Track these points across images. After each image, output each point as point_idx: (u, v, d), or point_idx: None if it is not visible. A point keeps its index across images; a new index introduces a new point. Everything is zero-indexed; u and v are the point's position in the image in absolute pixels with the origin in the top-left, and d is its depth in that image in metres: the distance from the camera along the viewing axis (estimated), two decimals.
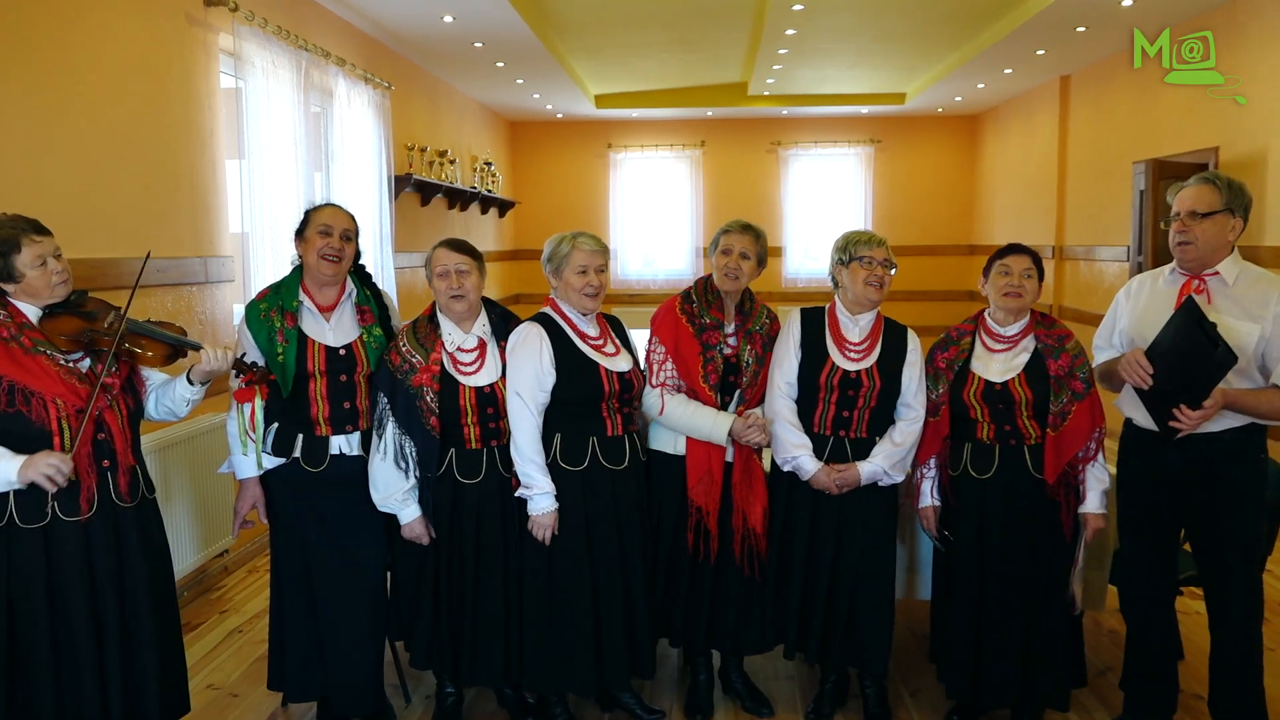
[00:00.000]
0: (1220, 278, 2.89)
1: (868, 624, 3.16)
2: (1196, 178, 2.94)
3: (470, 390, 3.00)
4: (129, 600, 2.58)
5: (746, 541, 3.16)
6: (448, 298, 3.03)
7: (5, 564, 2.45)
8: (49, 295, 2.52)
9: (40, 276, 2.49)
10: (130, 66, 4.17)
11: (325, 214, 3.04)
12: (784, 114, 11.18)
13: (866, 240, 3.16)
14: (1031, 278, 3.06)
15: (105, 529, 2.54)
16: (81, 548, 2.50)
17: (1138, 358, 2.82)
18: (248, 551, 4.94)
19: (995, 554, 3.05)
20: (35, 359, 2.46)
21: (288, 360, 2.93)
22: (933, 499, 3.14)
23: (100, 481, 2.53)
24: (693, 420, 3.10)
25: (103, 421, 2.53)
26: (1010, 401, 3.01)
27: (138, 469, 2.64)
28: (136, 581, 2.59)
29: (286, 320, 2.96)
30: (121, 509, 2.58)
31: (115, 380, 2.58)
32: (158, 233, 4.31)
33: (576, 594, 3.02)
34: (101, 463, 2.53)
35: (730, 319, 3.24)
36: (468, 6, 6.25)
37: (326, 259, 2.98)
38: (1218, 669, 2.98)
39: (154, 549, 2.68)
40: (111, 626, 2.54)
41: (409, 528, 3.00)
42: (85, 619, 2.50)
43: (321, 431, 3.00)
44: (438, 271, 3.05)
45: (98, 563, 2.53)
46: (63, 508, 2.48)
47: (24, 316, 2.50)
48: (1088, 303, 8.17)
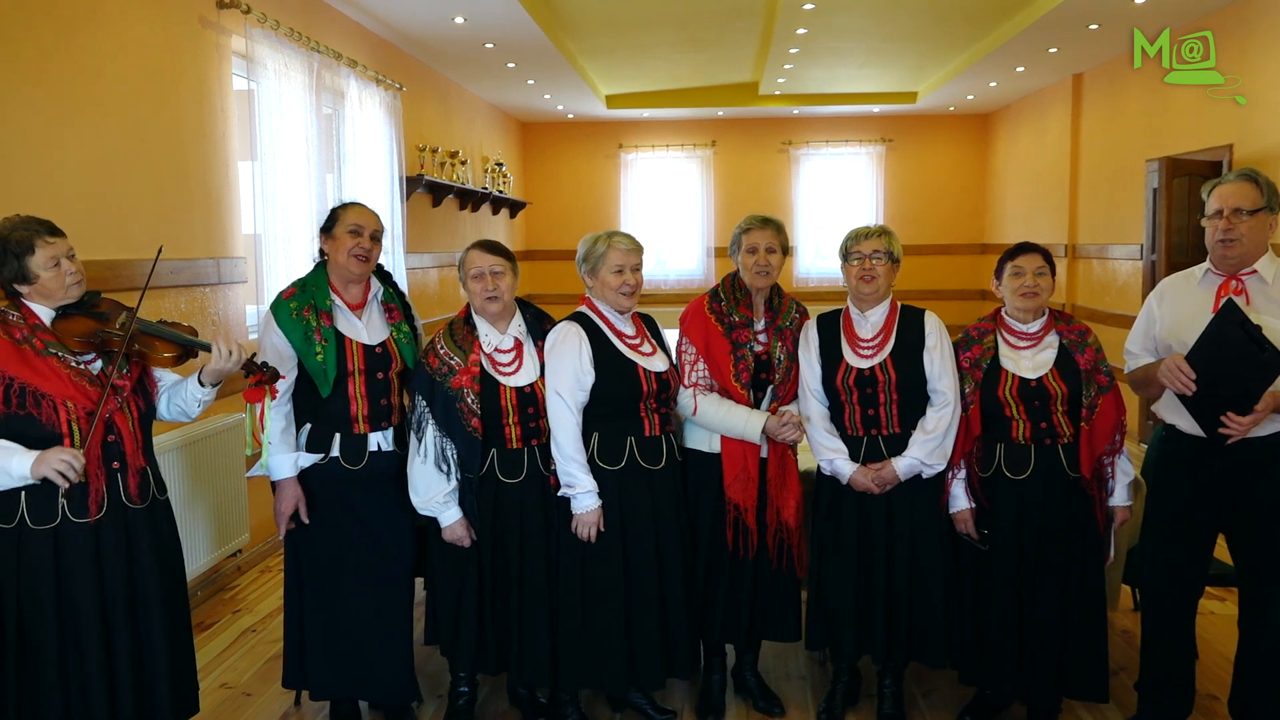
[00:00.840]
0: (1259, 276, 2.84)
1: (926, 620, 3.12)
2: (1236, 174, 2.87)
3: (511, 390, 3.01)
4: (139, 601, 2.58)
5: (779, 535, 3.16)
6: (483, 299, 3.05)
7: (15, 563, 2.46)
8: (63, 296, 2.54)
9: (54, 278, 2.50)
10: (143, 69, 4.19)
11: (355, 213, 3.05)
12: (795, 113, 11.17)
13: (855, 236, 3.18)
14: (1045, 275, 3.04)
15: (115, 530, 2.54)
16: (91, 549, 2.50)
17: (1179, 363, 2.74)
18: (261, 551, 4.96)
19: (1035, 554, 3.02)
20: (47, 361, 2.46)
21: (328, 359, 2.94)
22: (969, 501, 3.09)
23: (110, 483, 2.53)
24: (726, 419, 3.10)
25: (113, 423, 2.53)
26: (1046, 397, 2.99)
27: (148, 470, 2.64)
28: (146, 583, 2.59)
29: (322, 319, 2.97)
30: (131, 510, 2.58)
31: (126, 382, 2.58)
32: (170, 234, 4.33)
33: (610, 592, 3.02)
34: (111, 464, 2.54)
35: (760, 316, 3.24)
36: (479, 8, 6.26)
37: (356, 258, 3.00)
38: (1245, 669, 2.95)
39: (164, 550, 2.68)
40: (121, 627, 2.54)
41: (450, 530, 3.00)
42: (94, 620, 2.50)
43: (360, 429, 3.02)
44: (472, 273, 3.05)
45: (107, 564, 2.53)
46: (72, 509, 2.48)
47: (37, 318, 2.52)
48: (1101, 301, 8.13)
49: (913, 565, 3.11)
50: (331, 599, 3.08)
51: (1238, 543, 2.94)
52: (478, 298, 3.06)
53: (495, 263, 3.06)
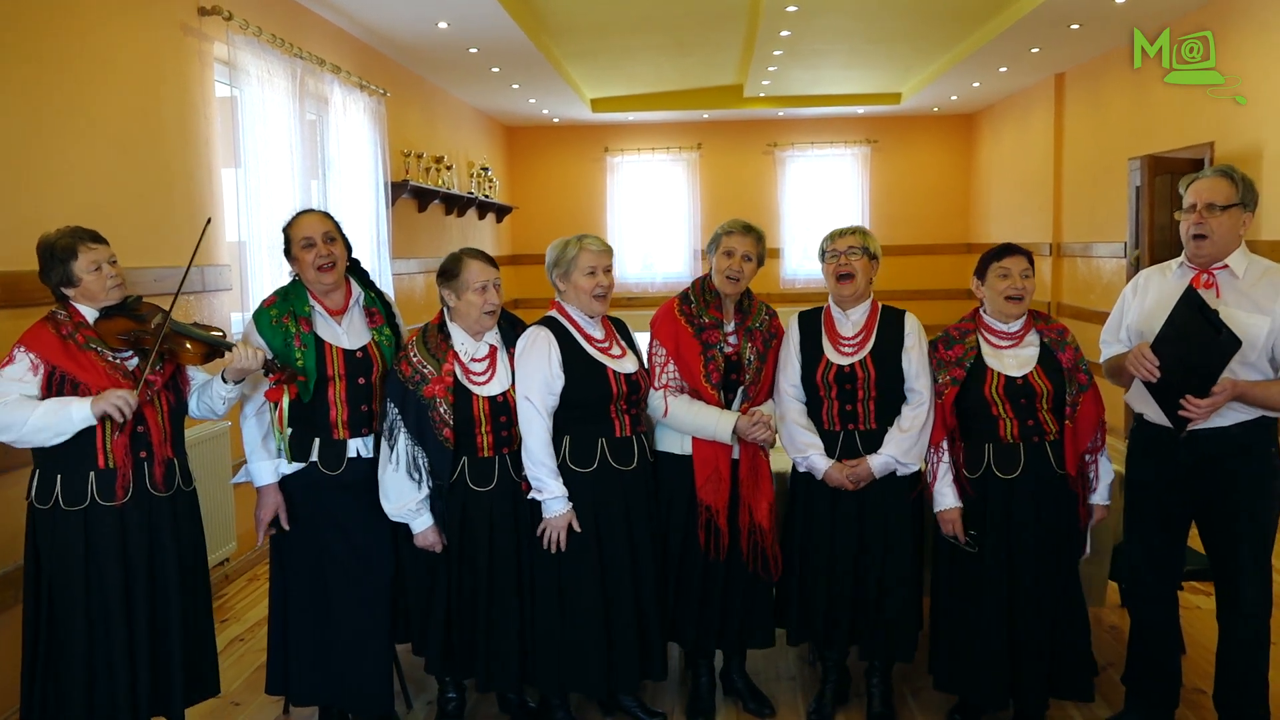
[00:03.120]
0: (1229, 270, 2.88)
1: (895, 615, 3.16)
2: (1211, 170, 2.92)
3: (484, 400, 3.01)
4: (158, 583, 2.76)
5: (753, 537, 3.17)
6: (484, 312, 3.03)
7: (50, 541, 2.66)
8: (105, 298, 2.74)
9: (95, 280, 2.71)
10: (125, 76, 4.17)
11: (300, 226, 3.05)
12: (780, 115, 11.19)
13: (832, 235, 3.21)
14: (1029, 277, 3.07)
15: (140, 515, 2.72)
16: (117, 530, 2.69)
17: (1144, 351, 2.81)
18: (248, 560, 4.94)
19: (1028, 554, 3.03)
20: (86, 355, 2.68)
21: (308, 365, 2.96)
22: (956, 500, 3.08)
23: (136, 470, 2.72)
24: (697, 420, 3.11)
25: (141, 415, 2.71)
26: (1032, 394, 3.01)
27: (175, 462, 2.84)
28: (167, 567, 2.78)
29: (301, 325, 2.99)
30: (156, 498, 2.76)
31: (158, 377, 2.76)
32: (154, 242, 4.31)
33: (586, 595, 3.02)
34: (139, 453, 2.73)
35: (729, 317, 3.24)
36: (462, 13, 6.25)
37: (322, 269, 3.01)
38: (1225, 661, 2.98)
39: (186, 537, 2.85)
40: (142, 607, 2.72)
41: (421, 536, 3.00)
42: (119, 596, 2.68)
43: (339, 435, 3.02)
44: (476, 286, 3.02)
45: (131, 545, 2.71)
46: (100, 493, 2.67)
47: (81, 317, 2.73)
48: (1086, 299, 8.17)
49: (883, 564, 3.14)
50: (313, 606, 3.07)
51: (1208, 534, 2.98)
52: (476, 309, 3.03)
53: (498, 276, 3.07)
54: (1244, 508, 2.87)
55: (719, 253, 3.22)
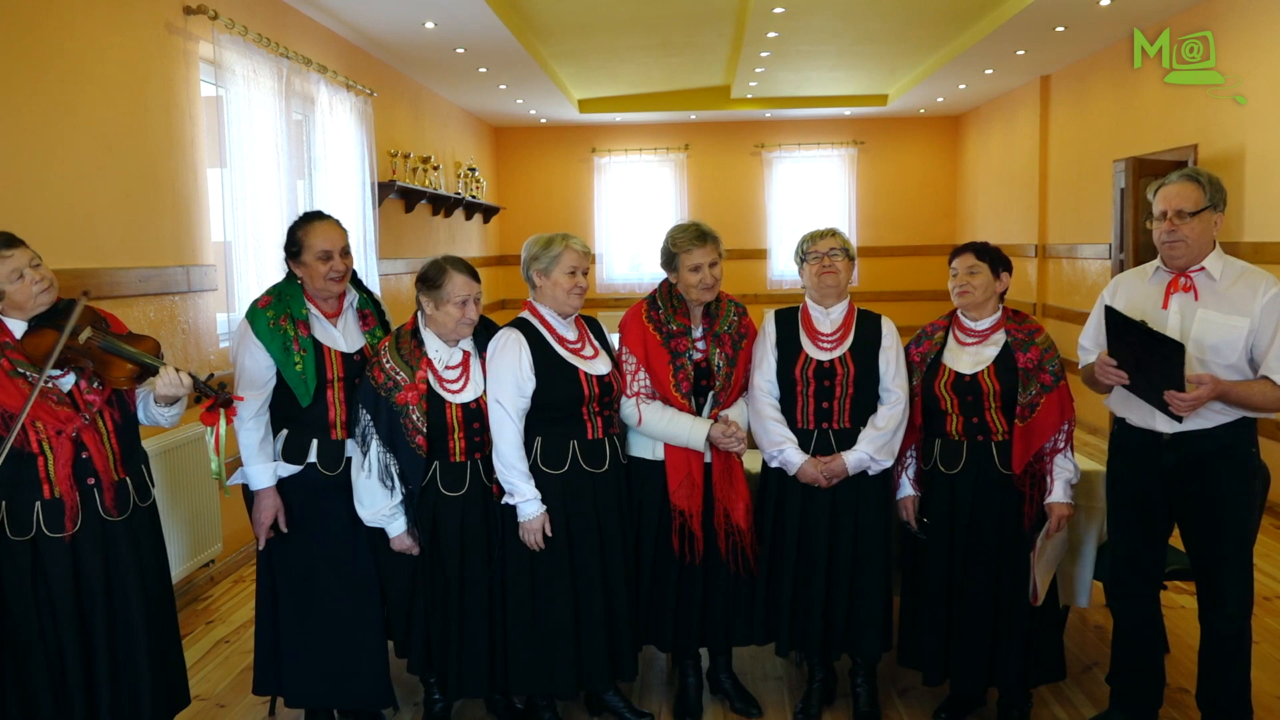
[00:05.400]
0: (1206, 273, 2.89)
1: (864, 613, 3.18)
2: (1177, 175, 2.91)
3: (457, 407, 2.99)
4: (118, 608, 2.62)
5: (731, 538, 3.17)
6: (462, 324, 3.00)
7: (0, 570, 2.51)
8: (34, 306, 2.54)
9: (20, 290, 2.49)
10: (110, 76, 4.15)
11: (321, 236, 2.97)
12: (767, 116, 11.21)
13: (812, 237, 3.25)
14: (977, 274, 3.11)
15: (92, 543, 2.57)
16: (68, 561, 2.54)
17: (1105, 359, 2.85)
18: (234, 561, 4.92)
19: (964, 547, 3.11)
20: (14, 382, 2.47)
21: (307, 369, 2.94)
22: (913, 489, 3.19)
23: (85, 498, 2.55)
24: (670, 428, 3.11)
25: (81, 441, 2.54)
26: (979, 393, 3.06)
27: (128, 482, 2.66)
28: (127, 590, 2.63)
29: (300, 329, 2.96)
30: (110, 523, 2.61)
31: (97, 397, 2.58)
32: (139, 242, 4.29)
33: (558, 596, 3.02)
34: (85, 480, 2.55)
35: (697, 323, 3.25)
36: (449, 12, 6.24)
37: (333, 280, 2.99)
38: (1208, 660, 3.00)
39: (147, 556, 2.71)
40: (99, 631, 2.59)
41: (398, 540, 2.99)
42: (72, 625, 2.55)
43: (337, 435, 3.02)
44: (457, 300, 2.96)
45: (85, 575, 2.57)
46: (47, 524, 2.52)
47: (9, 334, 2.52)
48: (1071, 300, 8.22)
49: (854, 561, 3.17)
50: (306, 606, 3.07)
51: (1190, 534, 2.99)
52: (453, 320, 2.98)
53: (479, 290, 3.02)
54: (1226, 507, 2.89)
55: (684, 270, 3.18)
